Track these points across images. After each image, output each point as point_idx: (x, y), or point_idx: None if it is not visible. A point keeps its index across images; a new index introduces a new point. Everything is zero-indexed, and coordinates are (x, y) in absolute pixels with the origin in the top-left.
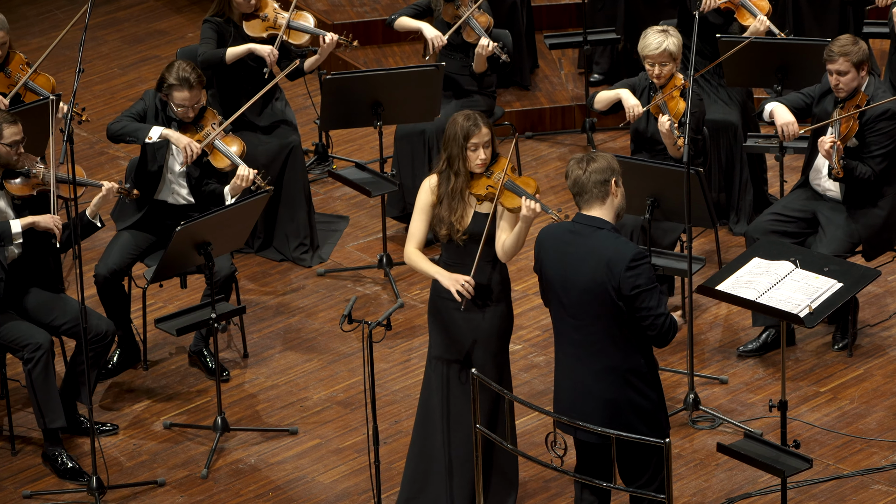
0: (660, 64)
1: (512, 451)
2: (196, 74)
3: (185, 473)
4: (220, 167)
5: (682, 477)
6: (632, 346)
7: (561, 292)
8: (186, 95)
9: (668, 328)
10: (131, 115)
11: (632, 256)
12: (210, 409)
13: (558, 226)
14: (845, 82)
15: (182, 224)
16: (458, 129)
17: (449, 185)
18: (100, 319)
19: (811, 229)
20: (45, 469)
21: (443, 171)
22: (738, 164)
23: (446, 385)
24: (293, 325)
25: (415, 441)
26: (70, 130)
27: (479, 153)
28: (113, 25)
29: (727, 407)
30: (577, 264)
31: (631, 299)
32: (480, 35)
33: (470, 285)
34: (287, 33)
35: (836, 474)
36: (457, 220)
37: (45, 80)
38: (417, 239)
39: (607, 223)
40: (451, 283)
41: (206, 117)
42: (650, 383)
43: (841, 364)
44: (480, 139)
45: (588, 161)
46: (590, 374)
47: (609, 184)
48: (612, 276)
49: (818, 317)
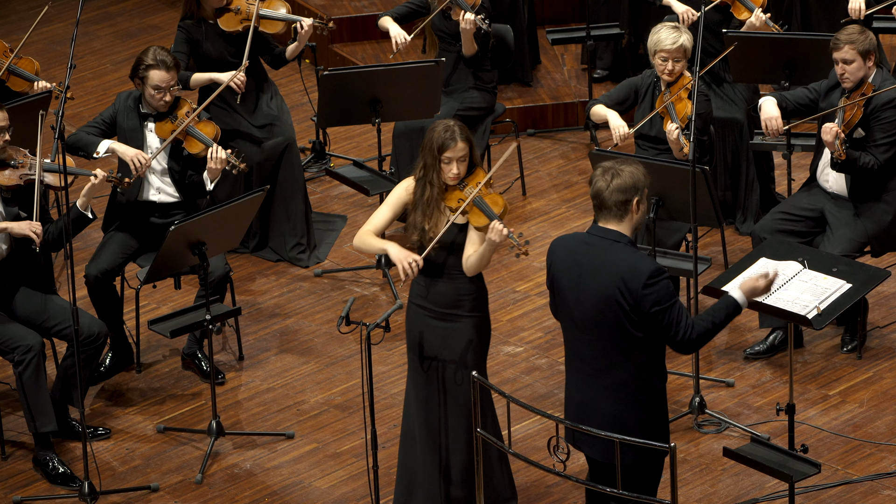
0: (674, 60)
1: (514, 455)
2: (172, 58)
3: (179, 479)
4: (196, 152)
5: (688, 482)
6: (642, 363)
7: (573, 305)
8: (164, 76)
9: (694, 338)
10: (95, 125)
11: (649, 273)
12: (205, 412)
13: (572, 236)
14: (851, 71)
15: (176, 224)
16: (434, 139)
17: (424, 194)
18: (92, 321)
19: (819, 228)
20: (36, 474)
21: (419, 179)
22: (745, 162)
23: (424, 401)
24: (290, 327)
25: (400, 450)
26: (61, 128)
27: (453, 167)
28: (105, 20)
29: (733, 410)
30: (590, 277)
31: (651, 317)
32: (465, 10)
33: (417, 266)
34: (259, 23)
35: (845, 479)
36: (430, 229)
37: (28, 62)
38: (375, 226)
39: (624, 236)
40: (400, 257)
41: (182, 107)
42: (658, 401)
43: (850, 367)
44: (455, 154)
45: (613, 175)
46: (599, 390)
47: (630, 204)
48: (629, 293)
49: (827, 318)
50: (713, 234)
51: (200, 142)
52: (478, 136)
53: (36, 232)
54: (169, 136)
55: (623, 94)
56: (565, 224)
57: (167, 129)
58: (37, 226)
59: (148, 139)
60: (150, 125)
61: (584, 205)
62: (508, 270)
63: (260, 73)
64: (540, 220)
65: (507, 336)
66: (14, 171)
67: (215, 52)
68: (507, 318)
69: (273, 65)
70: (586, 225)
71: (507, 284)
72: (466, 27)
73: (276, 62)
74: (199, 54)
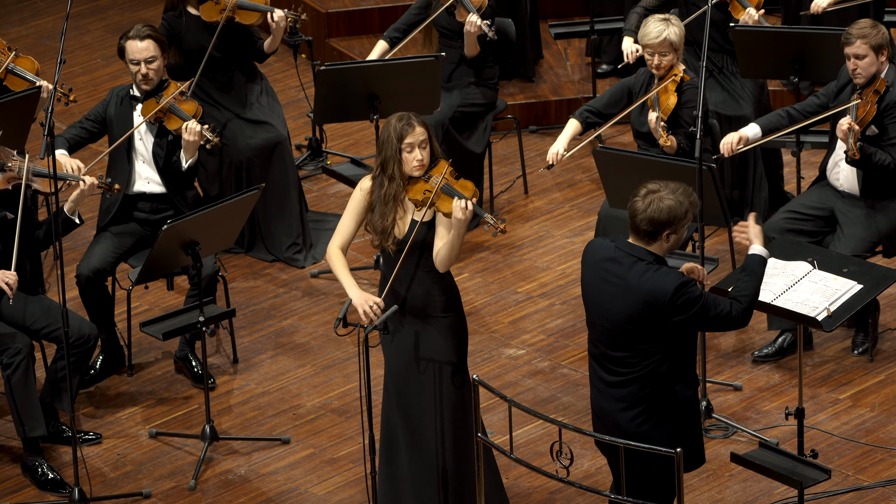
0: (659, 54)
1: (516, 461)
2: (150, 29)
3: (171, 485)
4: (174, 129)
5: (695, 488)
6: (664, 381)
7: (595, 318)
8: (137, 47)
9: (736, 316)
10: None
11: (674, 290)
12: (198, 416)
13: (601, 246)
14: (863, 66)
15: (168, 223)
16: (392, 131)
17: (381, 190)
18: (82, 323)
19: (829, 228)
20: (25, 480)
21: (376, 177)
22: (753, 159)
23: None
24: (285, 329)
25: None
26: (51, 124)
27: (416, 153)
28: (96, 14)
29: (741, 415)
30: (611, 297)
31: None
32: (471, 12)
33: (378, 307)
34: (236, 14)
35: (856, 486)
36: (390, 227)
37: (28, 62)
38: (343, 238)
39: (650, 254)
40: (359, 302)
41: (169, 89)
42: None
43: (861, 369)
44: (415, 138)
45: (653, 202)
46: (618, 407)
47: (658, 235)
48: (655, 313)
49: (837, 320)
50: (720, 233)
51: (179, 118)
52: (479, 134)
53: (9, 284)
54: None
55: (616, 97)
56: (568, 224)
57: (151, 108)
58: (11, 276)
59: (135, 121)
60: (138, 107)
61: (587, 204)
62: (512, 270)
63: (249, 67)
64: (542, 219)
65: (509, 338)
66: (2, 173)
67: (195, 44)
68: (509, 320)
69: (257, 59)
70: (589, 225)
71: (510, 285)
72: (471, 30)
73: (258, 56)
74: (181, 46)
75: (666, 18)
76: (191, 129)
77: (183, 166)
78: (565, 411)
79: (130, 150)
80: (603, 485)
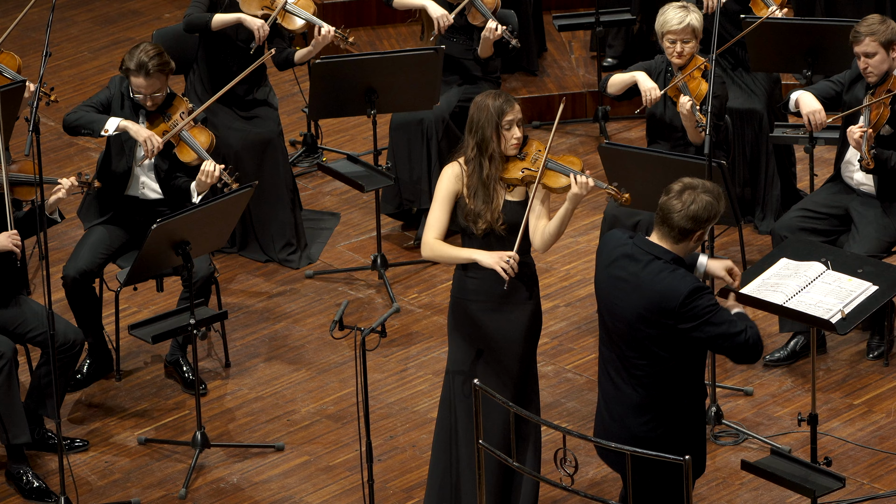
0: (682, 41)
1: (517, 469)
2: (158, 61)
3: (161, 494)
4: (187, 161)
5: (704, 497)
6: (675, 385)
7: (606, 316)
8: (143, 83)
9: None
10: (91, 105)
11: (686, 294)
12: (189, 423)
13: (618, 240)
14: (874, 65)
15: (158, 221)
16: (491, 108)
17: (483, 172)
18: (67, 326)
19: (843, 227)
20: (9, 489)
21: (472, 159)
22: (765, 156)
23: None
24: (279, 332)
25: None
26: (36, 120)
27: (514, 131)
28: (83, 5)
29: (752, 421)
30: (624, 295)
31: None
32: (487, 17)
33: (514, 261)
34: (282, 15)
35: (871, 494)
36: (493, 212)
37: (9, 58)
38: (438, 229)
39: (668, 253)
40: (493, 261)
41: (175, 106)
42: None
43: (876, 374)
44: (515, 115)
45: (693, 201)
46: (629, 410)
47: (693, 234)
48: (665, 315)
49: (851, 323)
50: (731, 232)
51: (194, 151)
52: None
53: (16, 244)
54: (161, 137)
55: None
56: (573, 222)
57: (159, 129)
58: (16, 236)
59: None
60: (143, 119)
61: (593, 201)
62: None
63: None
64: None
65: None
66: None
67: (228, 29)
68: None
69: (279, 65)
70: (595, 223)
71: None
72: (490, 37)
73: (283, 63)
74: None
75: (684, 5)
76: (209, 173)
77: (194, 200)
78: (570, 417)
79: (131, 158)
80: (609, 493)
